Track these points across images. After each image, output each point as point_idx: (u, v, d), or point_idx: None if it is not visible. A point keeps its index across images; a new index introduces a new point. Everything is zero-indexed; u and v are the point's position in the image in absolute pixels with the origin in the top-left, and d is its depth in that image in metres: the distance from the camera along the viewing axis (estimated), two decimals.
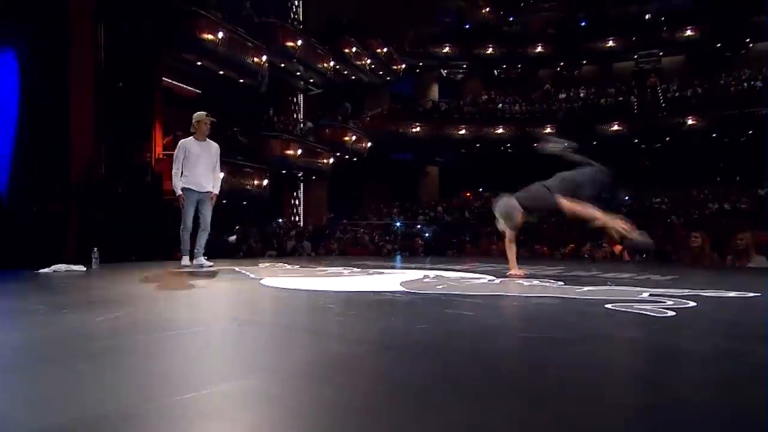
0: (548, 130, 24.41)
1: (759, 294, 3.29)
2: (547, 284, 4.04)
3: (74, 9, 10.25)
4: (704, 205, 21.55)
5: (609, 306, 2.85)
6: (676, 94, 24.53)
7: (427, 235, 16.79)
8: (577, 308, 2.88)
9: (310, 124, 20.39)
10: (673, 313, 2.58)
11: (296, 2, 21.24)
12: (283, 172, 18.83)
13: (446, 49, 27.39)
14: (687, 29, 24.66)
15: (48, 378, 1.55)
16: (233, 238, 13.16)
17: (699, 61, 25.51)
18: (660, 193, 23.05)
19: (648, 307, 2.75)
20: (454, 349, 1.93)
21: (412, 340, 2.06)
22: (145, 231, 9.89)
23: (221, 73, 15.84)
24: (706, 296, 3.19)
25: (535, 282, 4.22)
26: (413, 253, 10.37)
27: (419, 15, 27.74)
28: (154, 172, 10.63)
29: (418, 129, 25.00)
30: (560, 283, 4.12)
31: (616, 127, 23.38)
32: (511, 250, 4.87)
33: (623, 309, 2.75)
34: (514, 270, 4.82)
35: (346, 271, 5.53)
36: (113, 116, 11.53)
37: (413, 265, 6.38)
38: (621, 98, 25.35)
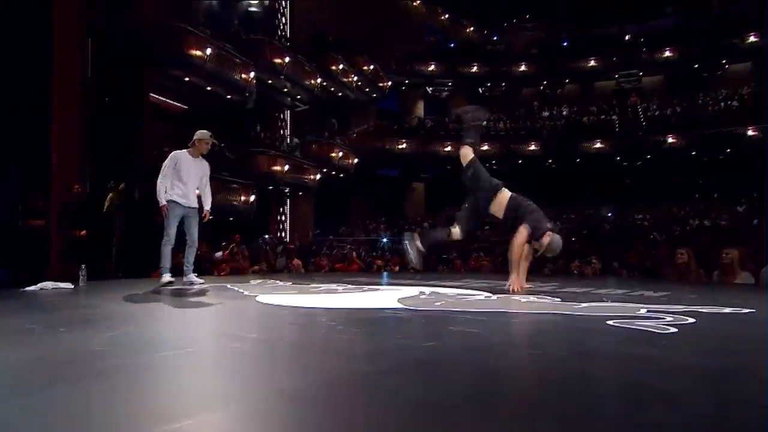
0: (533, 147, 24.76)
1: (754, 310, 3.36)
2: (545, 300, 4.07)
3: (60, 26, 10.21)
4: (685, 222, 21.92)
5: (610, 323, 2.88)
6: (656, 113, 25.05)
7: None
8: (580, 325, 2.91)
9: (296, 140, 20.41)
10: (675, 330, 2.62)
11: (283, 19, 21.37)
12: (270, 188, 18.76)
13: (432, 67, 27.74)
14: (666, 50, 25.30)
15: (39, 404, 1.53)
16: (219, 254, 13.03)
17: (677, 81, 26.15)
18: (642, 209, 23.41)
19: (649, 324, 2.79)
20: (470, 366, 1.94)
21: (424, 358, 2.06)
22: (133, 248, 9.78)
23: (209, 88, 15.82)
24: (703, 312, 3.24)
25: (532, 298, 4.25)
26: (405, 269, 10.39)
27: (405, 33, 28.10)
28: (142, 189, 10.54)
29: (404, 145, 25.19)
30: (557, 299, 4.16)
31: (598, 145, 23.77)
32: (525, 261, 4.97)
33: (625, 326, 2.78)
34: (520, 283, 4.87)
35: (340, 288, 5.52)
36: (100, 132, 11.44)
37: (407, 282, 6.37)
38: (603, 116, 25.82)
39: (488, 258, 12.24)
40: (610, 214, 23.49)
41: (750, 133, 21.70)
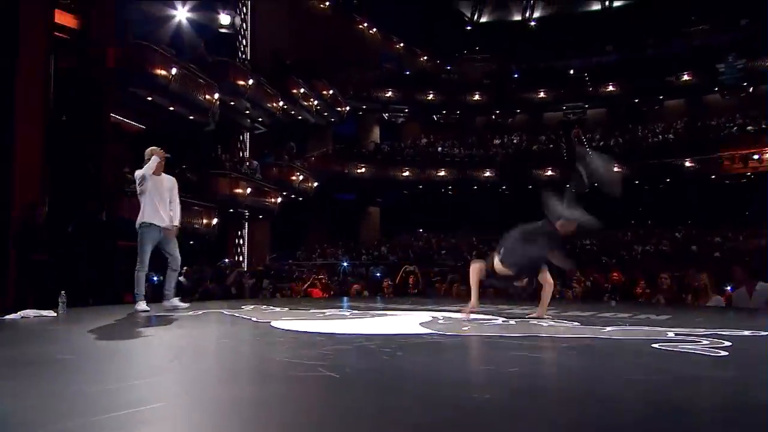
0: (488, 173, 25.50)
1: None
2: (565, 324, 4.21)
3: (24, 41, 9.77)
4: (630, 247, 23.07)
5: (656, 346, 3.03)
6: (601, 143, 26.44)
7: (378, 275, 16.79)
8: (633, 348, 3.05)
9: (256, 162, 20.16)
10: (726, 353, 2.79)
11: (244, 41, 21.25)
12: (231, 211, 18.38)
13: (389, 94, 28.22)
14: (609, 85, 26.88)
15: None
16: (182, 279, 12.61)
17: (619, 114, 27.77)
18: (588, 235, 24.45)
19: (694, 347, 2.96)
20: (582, 392, 2.01)
21: (530, 385, 2.12)
22: (99, 273, 9.32)
23: (171, 108, 15.46)
24: (732, 336, 3.42)
25: (551, 322, 4.39)
26: (380, 293, 10.38)
27: (362, 59, 28.53)
28: (108, 210, 10.11)
29: (363, 170, 25.36)
30: (575, 323, 4.31)
31: (550, 173, 24.78)
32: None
33: (675, 349, 2.93)
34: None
35: (347, 313, 5.49)
36: (58, 152, 10.93)
37: (404, 307, 6.38)
38: (551, 145, 27.02)
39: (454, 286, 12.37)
40: None
41: (687, 164, 23.24)
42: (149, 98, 14.77)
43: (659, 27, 27.48)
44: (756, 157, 22.30)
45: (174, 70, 14.43)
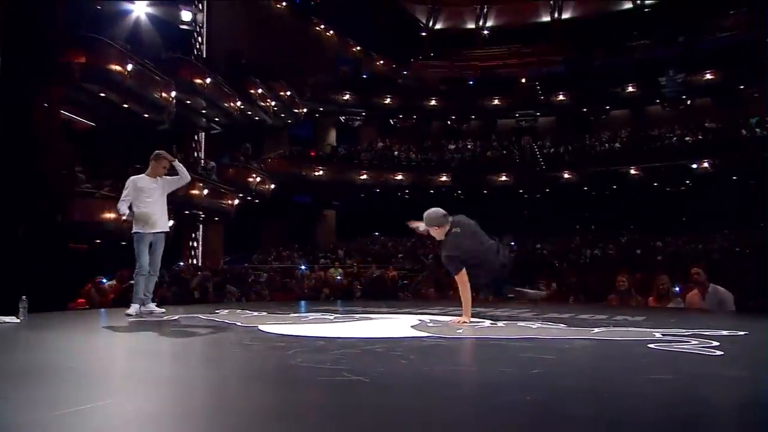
0: (444, 178, 25.88)
1: (747, 332, 3.82)
2: (557, 327, 4.33)
3: None
4: (578, 251, 23.92)
5: (653, 346, 3.19)
6: (551, 151, 27.36)
7: (339, 278, 16.72)
8: (631, 349, 3.18)
9: (213, 163, 19.69)
10: (721, 353, 2.95)
11: (200, 39, 20.72)
12: (186, 212, 17.85)
13: (346, 97, 28.17)
14: (560, 94, 27.84)
15: None
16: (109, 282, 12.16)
17: (568, 122, 28.80)
18: (540, 239, 25.21)
19: (689, 347, 3.13)
20: (621, 392, 2.10)
21: (560, 386, 2.19)
22: (48, 277, 8.87)
23: (125, 106, 14.89)
24: (711, 335, 3.63)
25: (539, 324, 4.51)
26: (350, 298, 10.32)
27: (319, 61, 28.40)
28: (63, 213, 9.62)
29: (321, 173, 25.21)
30: (562, 325, 4.44)
31: (504, 178, 25.41)
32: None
33: (671, 349, 3.09)
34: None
35: (331, 317, 5.46)
36: (5, 151, 10.34)
37: (385, 310, 6.37)
38: (504, 152, 27.71)
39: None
40: (513, 243, 25.01)
41: (632, 172, 24.36)
42: (102, 95, 14.19)
43: (605, 40, 28.74)
44: (694, 166, 23.60)
45: (129, 67, 13.93)
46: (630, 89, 26.88)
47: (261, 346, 3.54)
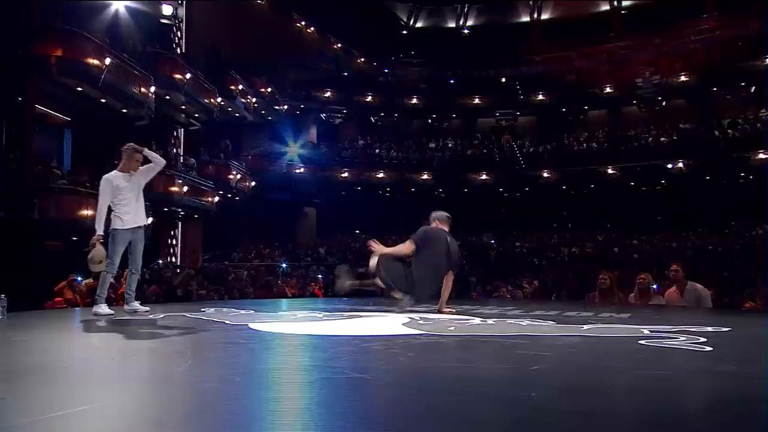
0: (425, 176, 25.98)
1: (731, 328, 3.93)
2: (547, 324, 4.39)
3: None
4: (557, 249, 24.23)
5: (643, 342, 3.25)
6: (531, 150, 27.66)
7: (320, 276, 16.66)
8: (624, 346, 3.25)
9: (193, 160, 19.44)
10: (711, 348, 3.03)
11: (179, 33, 20.42)
12: (165, 209, 17.59)
13: (328, 94, 28.06)
14: (539, 94, 28.12)
15: None
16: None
17: (547, 122, 29.13)
18: (519, 237, 25.50)
19: (678, 343, 3.20)
20: (626, 390, 2.14)
21: (561, 382, 2.22)
22: (24, 274, 8.68)
23: (103, 100, 14.61)
24: (696, 331, 3.72)
25: (527, 321, 4.57)
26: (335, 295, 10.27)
27: (300, 58, 28.22)
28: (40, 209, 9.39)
29: (302, 170, 25.09)
30: (551, 322, 4.51)
31: (484, 177, 25.62)
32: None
33: (662, 345, 3.15)
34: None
35: (320, 315, 5.44)
36: None
37: (373, 308, 6.35)
38: (485, 151, 27.92)
39: None
40: (492, 242, 25.25)
41: (610, 171, 24.77)
42: (79, 89, 13.89)
43: (583, 41, 29.08)
44: (669, 166, 24.09)
45: (108, 60, 13.65)
46: (608, 90, 27.26)
47: (256, 344, 3.51)
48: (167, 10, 16.42)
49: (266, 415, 1.77)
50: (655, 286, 8.76)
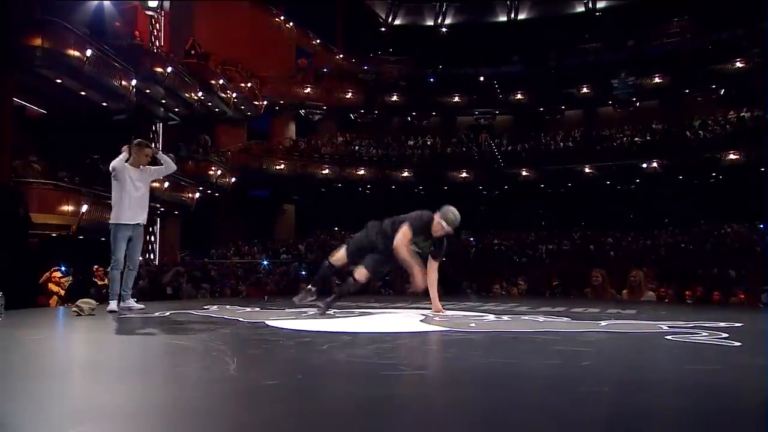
0: (405, 174, 26.06)
1: (743, 324, 4.07)
2: (562, 320, 4.48)
3: None
4: (535, 247, 24.60)
5: (669, 338, 3.35)
6: (509, 148, 27.99)
7: (303, 273, 16.56)
8: (652, 341, 3.34)
9: (171, 155, 19.02)
10: (739, 343, 3.14)
11: (158, 25, 20.00)
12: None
13: (306, 90, 27.85)
14: (517, 93, 28.48)
15: None
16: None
17: (525, 121, 29.53)
18: (498, 235, 25.79)
19: (702, 338, 3.31)
20: (676, 383, 2.21)
21: (617, 377, 2.28)
22: (15, 270, 8.40)
23: (83, 93, 14.22)
24: (713, 327, 3.84)
25: (541, 318, 4.64)
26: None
27: (279, 53, 27.96)
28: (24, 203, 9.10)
29: (282, 166, 24.88)
30: (565, 318, 4.60)
31: (464, 175, 25.83)
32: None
33: (688, 341, 3.25)
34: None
35: (331, 312, 5.42)
36: None
37: (379, 305, 6.35)
38: (464, 148, 28.14)
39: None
40: (472, 239, 25.49)
41: (586, 170, 25.27)
42: (58, 81, 13.51)
43: (560, 41, 29.53)
44: (643, 165, 24.71)
45: (89, 52, 13.30)
46: (584, 90, 27.76)
47: (289, 342, 3.49)
48: (152, 2, 16.06)
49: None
50: None
